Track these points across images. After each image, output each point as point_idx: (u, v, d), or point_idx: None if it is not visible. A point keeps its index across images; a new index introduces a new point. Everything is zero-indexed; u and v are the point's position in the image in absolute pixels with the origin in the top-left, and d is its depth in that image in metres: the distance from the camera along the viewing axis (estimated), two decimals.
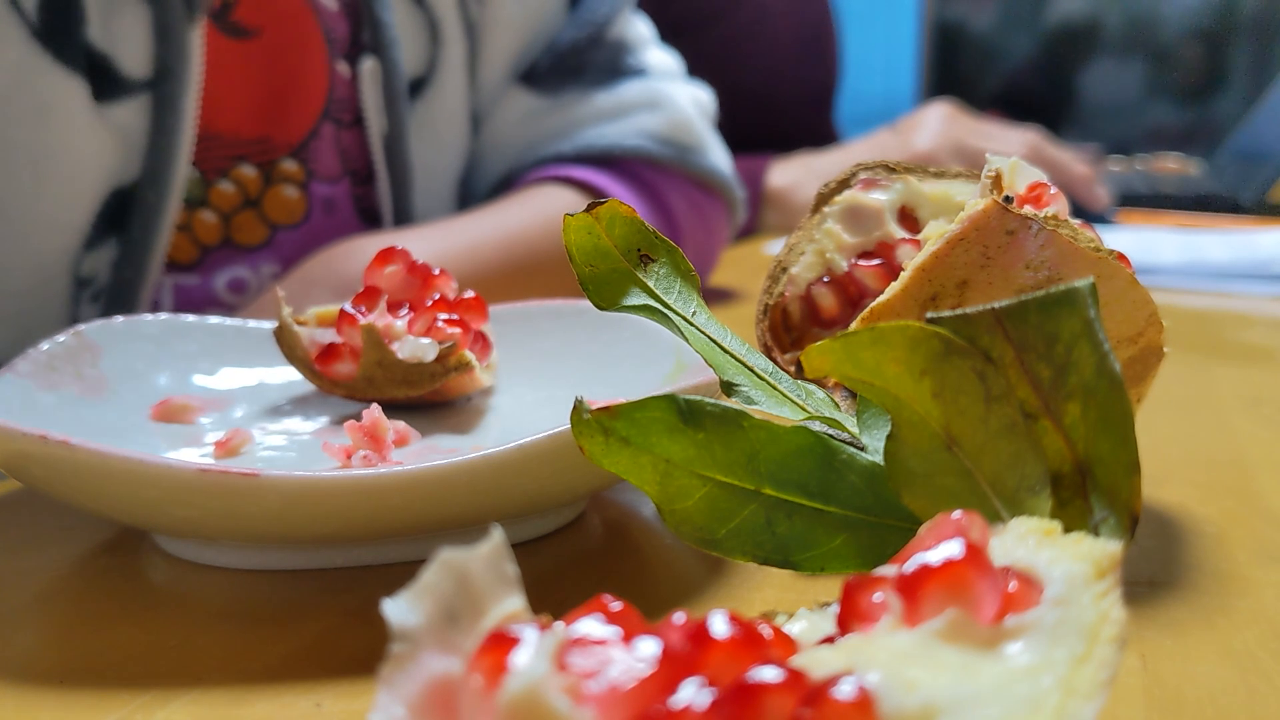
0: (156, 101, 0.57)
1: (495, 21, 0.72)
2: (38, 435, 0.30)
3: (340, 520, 0.31)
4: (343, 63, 0.65)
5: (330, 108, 0.65)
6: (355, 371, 0.42)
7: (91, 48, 0.56)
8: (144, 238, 0.58)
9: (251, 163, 0.62)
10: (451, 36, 0.70)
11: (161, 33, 0.57)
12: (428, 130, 0.70)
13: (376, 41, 0.65)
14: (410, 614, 0.16)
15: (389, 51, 0.65)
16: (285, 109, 0.63)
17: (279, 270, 0.64)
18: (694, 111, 0.76)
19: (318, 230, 0.65)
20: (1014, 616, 0.18)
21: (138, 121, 0.57)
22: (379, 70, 0.65)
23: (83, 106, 0.56)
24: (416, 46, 0.69)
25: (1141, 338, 0.32)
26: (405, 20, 0.68)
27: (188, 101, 0.58)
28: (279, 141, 0.63)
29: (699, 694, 0.15)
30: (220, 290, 0.62)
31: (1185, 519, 0.37)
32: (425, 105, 0.70)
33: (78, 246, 0.58)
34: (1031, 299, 0.22)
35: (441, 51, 0.70)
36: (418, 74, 0.69)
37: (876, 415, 0.27)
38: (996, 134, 1.18)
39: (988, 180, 0.32)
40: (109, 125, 0.57)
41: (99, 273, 0.58)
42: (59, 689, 0.27)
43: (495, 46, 0.73)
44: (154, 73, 0.57)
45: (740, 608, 0.31)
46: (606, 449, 0.26)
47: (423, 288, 0.44)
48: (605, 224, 0.31)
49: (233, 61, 0.61)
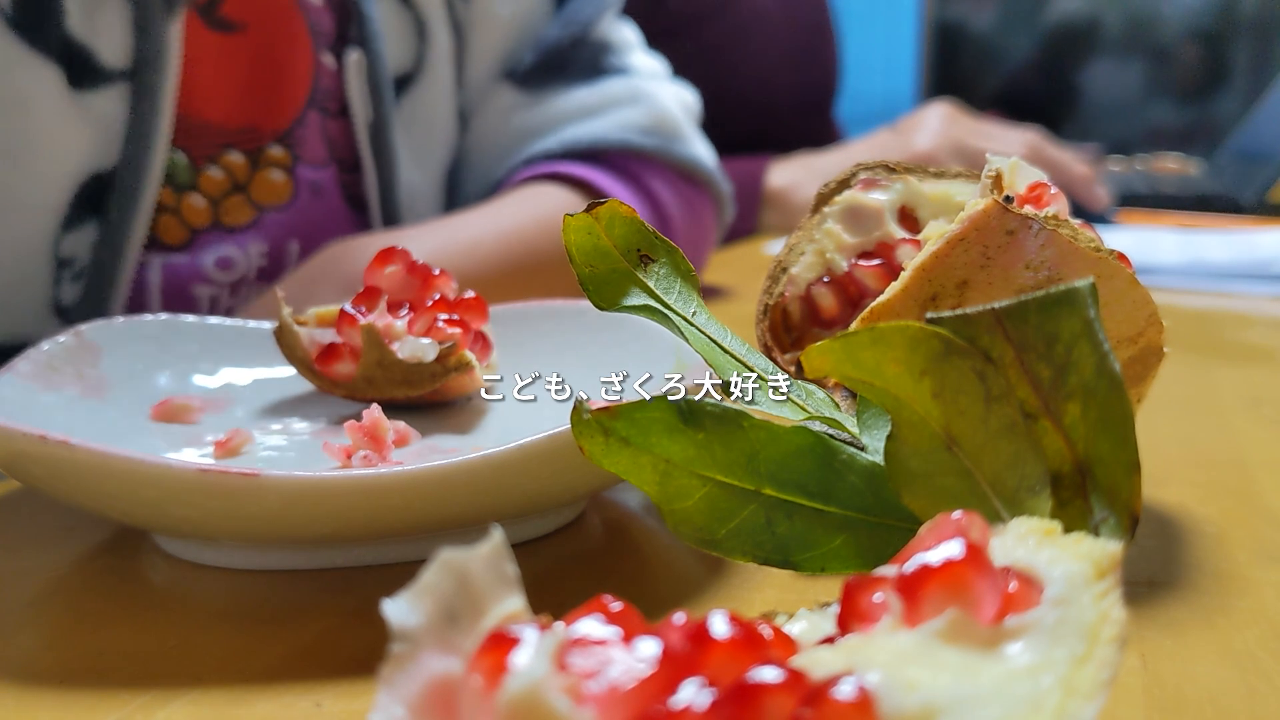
0: (135, 91, 0.59)
1: (482, 20, 0.74)
2: (38, 435, 0.30)
3: (340, 520, 0.31)
4: (328, 55, 0.66)
5: (316, 96, 0.66)
6: (355, 371, 0.42)
7: (71, 38, 0.57)
8: (122, 221, 0.59)
9: (239, 150, 0.64)
10: (438, 35, 0.72)
11: (141, 25, 0.58)
12: (415, 124, 0.71)
13: (362, 35, 0.67)
14: (410, 614, 0.16)
15: (373, 44, 0.67)
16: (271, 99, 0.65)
17: (266, 249, 0.65)
18: (676, 107, 0.77)
19: (305, 211, 0.66)
20: (1014, 616, 0.18)
21: (116, 110, 0.59)
22: (364, 61, 0.67)
23: (59, 94, 0.57)
24: (403, 44, 0.70)
25: (1141, 338, 0.32)
26: (392, 18, 0.69)
27: (166, 91, 0.59)
28: (265, 130, 0.65)
29: (699, 694, 0.15)
30: (209, 268, 0.63)
31: (1185, 519, 0.37)
32: (411, 100, 0.71)
33: (56, 228, 0.59)
34: (1031, 299, 0.22)
35: (428, 49, 0.71)
36: (405, 70, 0.71)
37: (876, 415, 0.27)
38: (996, 134, 1.18)
39: (988, 180, 0.32)
40: (87, 113, 0.58)
41: (79, 254, 0.59)
42: (59, 689, 0.27)
43: (482, 45, 0.75)
44: (132, 63, 0.59)
45: (740, 608, 0.31)
46: (606, 449, 0.26)
47: (423, 288, 0.44)
48: (605, 224, 0.31)
49: (220, 54, 0.62)
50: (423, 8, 0.71)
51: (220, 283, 0.63)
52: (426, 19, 0.71)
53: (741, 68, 1.34)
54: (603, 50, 0.77)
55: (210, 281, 0.63)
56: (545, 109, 0.75)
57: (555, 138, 0.74)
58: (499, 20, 0.74)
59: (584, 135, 0.73)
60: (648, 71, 0.78)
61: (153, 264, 0.62)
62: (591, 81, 0.75)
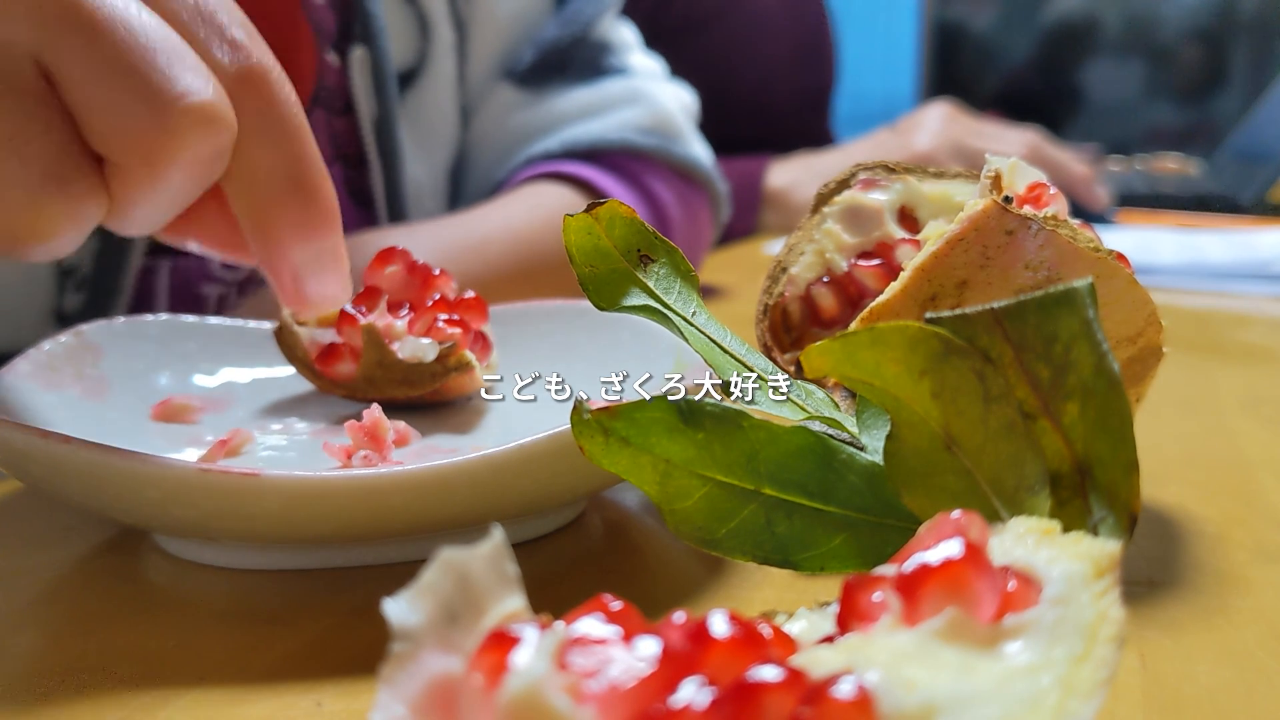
0: None
1: (483, 18, 0.74)
2: (38, 435, 0.30)
3: (340, 520, 0.31)
4: (332, 53, 0.66)
5: (320, 95, 0.66)
6: (355, 371, 0.42)
7: None
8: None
9: None
10: (441, 31, 0.72)
11: None
12: (419, 120, 0.72)
13: (366, 31, 0.67)
14: (411, 613, 0.17)
15: (378, 40, 0.67)
16: None
17: None
18: (675, 107, 0.77)
19: None
20: (1013, 616, 0.18)
21: None
22: (368, 58, 0.67)
23: None
24: (406, 40, 0.70)
25: (1141, 338, 0.32)
26: (395, 15, 0.69)
27: None
28: None
29: (699, 693, 0.15)
30: (215, 267, 0.63)
31: (1184, 519, 0.37)
32: (416, 96, 0.71)
33: None
34: (1030, 299, 0.22)
35: (431, 45, 0.71)
36: (408, 66, 0.71)
37: (876, 415, 0.27)
38: (996, 134, 1.18)
39: (987, 180, 0.32)
40: None
41: (82, 263, 0.59)
42: (59, 689, 0.27)
43: (483, 42, 0.75)
44: None
45: (740, 607, 0.31)
46: (606, 449, 0.26)
47: (423, 288, 0.44)
48: (605, 225, 0.31)
49: None
50: (426, 4, 0.71)
51: (228, 281, 0.63)
52: (429, 15, 0.71)
53: (742, 70, 1.34)
54: (602, 50, 0.77)
55: (218, 280, 0.63)
56: (545, 108, 0.75)
57: (556, 137, 0.74)
58: (499, 18, 0.74)
59: (584, 135, 0.73)
60: (647, 72, 0.79)
61: (161, 268, 0.61)
62: (591, 81, 0.76)
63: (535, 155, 0.74)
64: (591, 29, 0.77)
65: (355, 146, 0.68)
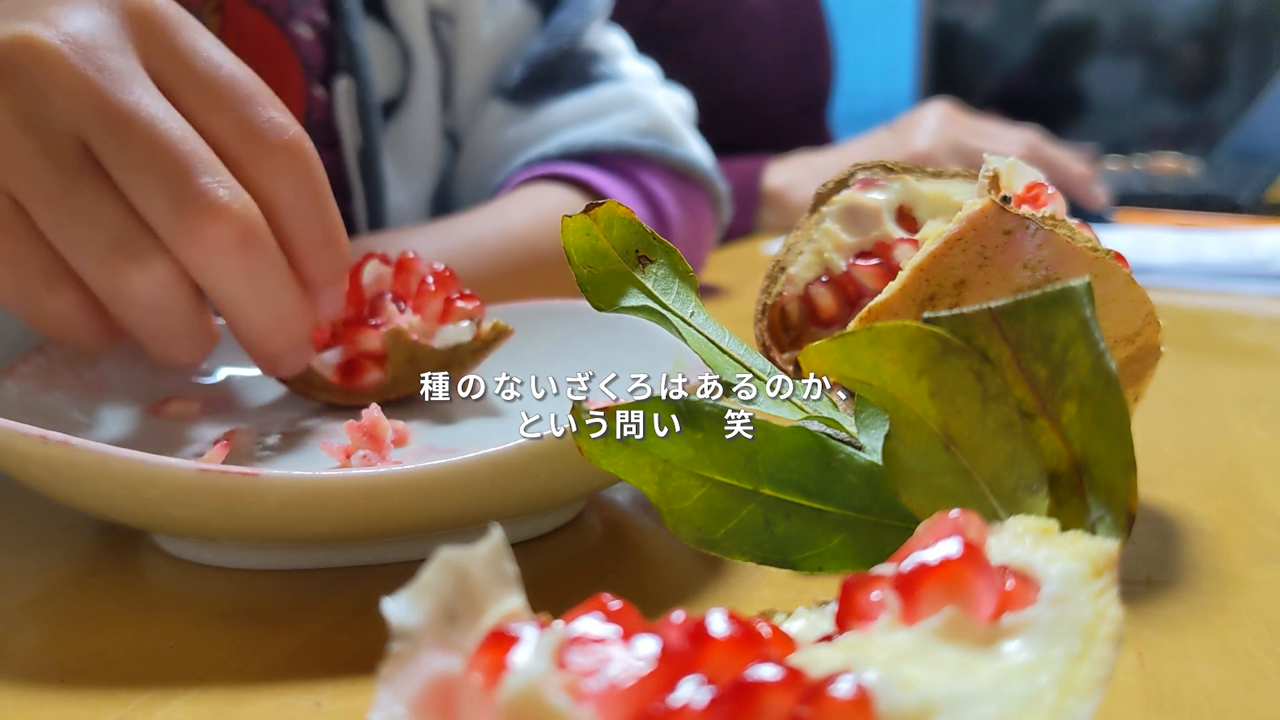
0: None
1: (468, 42, 0.74)
2: (38, 435, 0.30)
3: (340, 520, 0.31)
4: (319, 87, 0.66)
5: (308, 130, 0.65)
6: (384, 377, 0.42)
7: None
8: None
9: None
10: (423, 59, 0.71)
11: None
12: (401, 149, 0.71)
13: (351, 62, 0.67)
14: (410, 613, 0.17)
15: (362, 71, 0.67)
16: None
17: None
18: (670, 110, 0.77)
19: None
20: (1011, 615, 0.18)
21: None
22: (353, 88, 0.67)
23: None
24: (389, 70, 0.70)
25: (1139, 337, 0.33)
26: (377, 44, 0.69)
27: None
28: None
29: (698, 692, 0.15)
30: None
31: (1182, 518, 0.38)
32: (398, 126, 0.71)
33: None
34: (1028, 298, 0.22)
35: (413, 75, 0.71)
36: (391, 96, 0.70)
37: (874, 415, 0.27)
38: (994, 133, 1.18)
39: (985, 180, 0.32)
40: None
41: None
42: (59, 689, 0.27)
43: (469, 66, 0.74)
44: None
45: (739, 606, 0.31)
46: (606, 449, 0.26)
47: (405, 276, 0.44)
48: (603, 225, 0.31)
49: None
50: (407, 33, 0.70)
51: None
52: (411, 44, 0.71)
53: (738, 73, 1.34)
54: (592, 59, 0.76)
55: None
56: (539, 118, 0.75)
57: (553, 142, 0.73)
58: (484, 40, 0.74)
59: (581, 138, 0.73)
60: (639, 77, 0.78)
61: None
62: (583, 89, 0.75)
63: (532, 159, 0.73)
64: (579, 40, 0.76)
65: (340, 178, 0.67)
